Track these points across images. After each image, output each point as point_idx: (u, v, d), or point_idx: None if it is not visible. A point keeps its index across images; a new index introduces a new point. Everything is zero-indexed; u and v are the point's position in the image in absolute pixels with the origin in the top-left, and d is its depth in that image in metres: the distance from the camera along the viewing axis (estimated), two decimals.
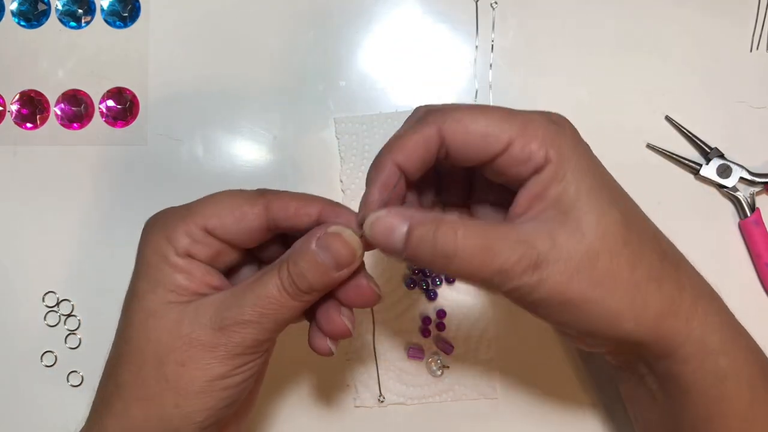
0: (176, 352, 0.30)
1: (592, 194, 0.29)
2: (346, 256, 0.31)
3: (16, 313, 0.45)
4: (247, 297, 0.30)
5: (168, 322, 0.30)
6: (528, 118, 0.30)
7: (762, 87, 0.45)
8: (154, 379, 0.30)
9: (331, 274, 0.31)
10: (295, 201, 0.32)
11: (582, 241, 0.29)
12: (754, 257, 0.44)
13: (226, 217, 0.32)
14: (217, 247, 0.32)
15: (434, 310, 0.44)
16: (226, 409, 0.31)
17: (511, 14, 0.46)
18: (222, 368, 0.30)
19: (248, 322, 0.30)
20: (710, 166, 0.44)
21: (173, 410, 0.30)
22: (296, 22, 0.46)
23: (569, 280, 0.29)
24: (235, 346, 0.30)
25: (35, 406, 0.44)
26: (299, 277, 0.30)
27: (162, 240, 0.31)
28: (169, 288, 0.31)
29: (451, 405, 0.44)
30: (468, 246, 0.29)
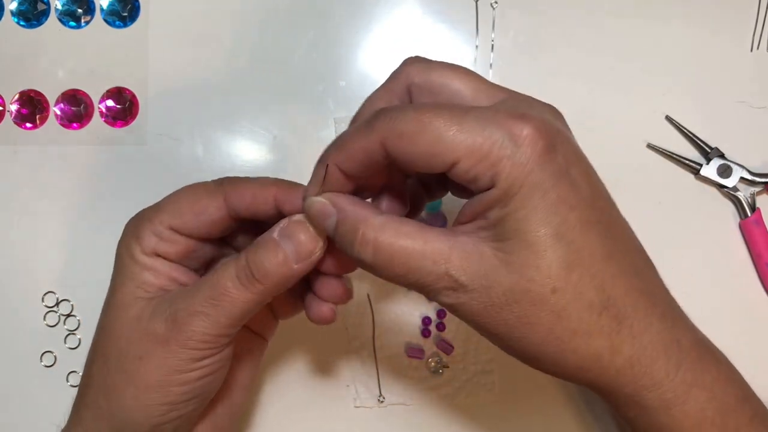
0: (135, 345, 0.30)
1: (535, 227, 0.26)
2: (308, 246, 0.30)
3: (16, 313, 0.45)
4: (201, 288, 0.30)
5: (131, 316, 0.31)
6: (479, 131, 0.26)
7: (762, 87, 0.45)
8: (117, 371, 0.31)
9: (291, 265, 0.30)
10: (251, 187, 0.32)
11: (506, 279, 0.26)
12: (755, 257, 0.44)
13: (186, 213, 0.32)
14: (185, 244, 0.32)
15: (434, 310, 0.44)
16: (187, 404, 0.31)
17: (511, 14, 0.46)
18: (176, 362, 0.30)
19: (199, 313, 0.30)
20: (710, 166, 0.44)
21: (132, 402, 0.30)
22: (296, 22, 0.46)
23: (485, 313, 0.27)
24: (186, 339, 0.30)
25: (35, 406, 0.44)
26: (257, 265, 0.30)
27: (132, 239, 0.32)
28: (136, 284, 0.31)
29: (451, 405, 0.43)
30: (385, 255, 0.27)
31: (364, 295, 0.44)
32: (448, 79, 0.29)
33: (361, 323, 0.44)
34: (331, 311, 0.33)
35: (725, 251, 0.44)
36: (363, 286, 0.44)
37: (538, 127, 0.26)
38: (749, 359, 0.44)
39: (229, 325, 0.30)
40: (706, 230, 0.45)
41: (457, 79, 0.29)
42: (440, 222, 0.44)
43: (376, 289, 0.44)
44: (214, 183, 0.33)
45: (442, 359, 0.43)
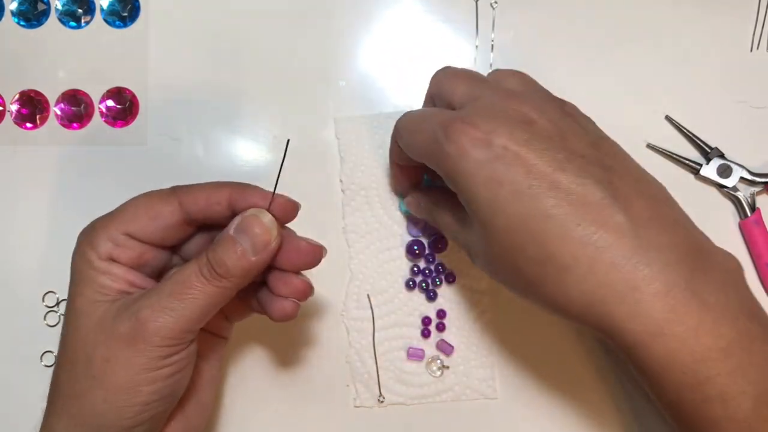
0: (101, 348, 0.31)
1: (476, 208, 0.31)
2: (262, 238, 0.31)
3: (16, 313, 0.45)
4: (164, 286, 0.31)
5: (94, 320, 0.31)
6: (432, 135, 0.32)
7: (762, 87, 0.45)
8: (84, 376, 0.31)
9: (249, 258, 0.31)
10: (205, 191, 0.33)
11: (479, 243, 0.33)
12: (754, 257, 0.44)
13: (141, 219, 0.33)
14: (139, 250, 0.33)
15: (434, 311, 0.44)
16: (157, 404, 0.32)
17: (511, 14, 0.46)
18: (144, 360, 0.30)
19: (164, 309, 0.30)
20: (710, 166, 0.44)
21: (103, 405, 0.31)
22: (296, 22, 0.46)
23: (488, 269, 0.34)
24: (152, 336, 0.30)
25: (35, 406, 0.44)
26: (218, 261, 0.31)
27: (86, 247, 0.33)
28: (95, 289, 0.32)
29: (451, 405, 0.43)
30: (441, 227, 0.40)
31: (364, 296, 0.44)
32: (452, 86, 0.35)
33: (361, 323, 0.44)
34: (293, 306, 0.34)
35: None
36: (363, 287, 0.44)
37: (469, 121, 0.31)
38: None
39: (194, 320, 0.31)
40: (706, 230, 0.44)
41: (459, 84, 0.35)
42: None
43: (375, 290, 0.44)
44: (169, 189, 0.34)
45: (442, 360, 0.43)
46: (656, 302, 0.28)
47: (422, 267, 0.44)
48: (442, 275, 0.44)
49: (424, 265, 0.44)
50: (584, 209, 0.29)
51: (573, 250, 0.29)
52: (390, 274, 0.44)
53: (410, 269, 0.44)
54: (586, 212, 0.29)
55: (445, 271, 0.44)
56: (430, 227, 0.44)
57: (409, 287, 0.44)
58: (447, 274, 0.44)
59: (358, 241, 0.44)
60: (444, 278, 0.44)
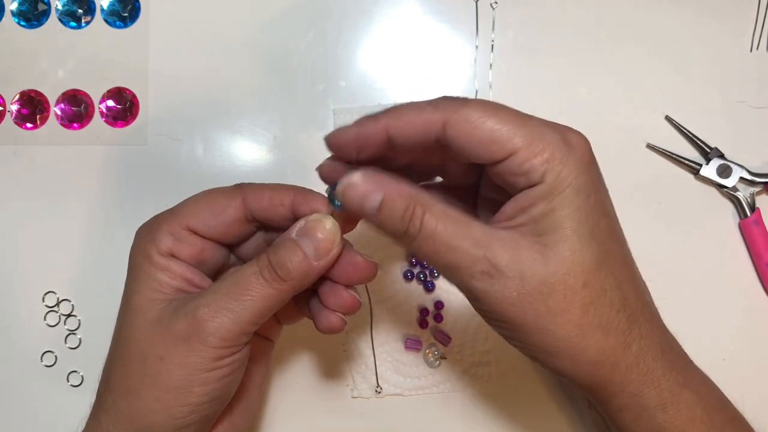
0: (156, 347, 0.31)
1: (575, 226, 0.28)
2: (326, 243, 0.31)
3: (16, 313, 0.45)
4: (222, 286, 0.31)
5: (150, 318, 0.31)
6: (540, 131, 0.28)
7: (762, 87, 0.45)
8: (137, 373, 0.31)
9: (310, 262, 0.31)
10: (269, 190, 0.33)
11: (543, 269, 0.28)
12: (754, 257, 0.44)
13: (205, 213, 0.33)
14: (200, 245, 0.33)
15: (432, 302, 0.44)
16: (208, 405, 0.31)
17: (511, 14, 0.46)
18: (198, 361, 0.30)
19: (222, 309, 0.30)
20: (710, 166, 0.44)
21: (155, 404, 0.30)
22: (296, 22, 0.46)
23: (517, 301, 0.28)
24: (208, 336, 0.30)
25: (35, 406, 0.44)
26: (279, 264, 0.31)
27: (147, 242, 0.32)
28: (153, 286, 0.32)
29: (449, 396, 0.44)
30: (431, 233, 0.29)
31: (362, 287, 0.44)
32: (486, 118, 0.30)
33: (359, 314, 0.44)
34: (340, 321, 0.34)
35: (725, 251, 0.44)
36: None
37: (586, 140, 0.30)
38: (749, 359, 0.44)
39: (250, 322, 0.31)
40: (705, 230, 0.45)
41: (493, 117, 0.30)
42: None
43: (373, 280, 0.44)
44: (233, 186, 0.34)
45: (440, 350, 0.43)
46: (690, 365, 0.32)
47: (420, 258, 0.44)
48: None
49: None
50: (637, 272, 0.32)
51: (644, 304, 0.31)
52: (388, 265, 0.44)
53: (408, 260, 0.44)
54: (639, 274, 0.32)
55: None
56: None
57: (407, 278, 0.44)
58: None
59: None
60: None
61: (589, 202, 0.29)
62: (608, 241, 0.29)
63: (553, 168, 0.28)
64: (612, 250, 0.30)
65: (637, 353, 0.30)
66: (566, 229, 0.28)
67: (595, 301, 0.29)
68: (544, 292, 0.28)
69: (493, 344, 0.44)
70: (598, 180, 0.30)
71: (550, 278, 0.28)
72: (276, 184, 0.34)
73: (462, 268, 0.29)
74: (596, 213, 0.29)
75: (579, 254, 0.28)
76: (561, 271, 0.28)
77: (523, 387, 0.44)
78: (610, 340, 0.29)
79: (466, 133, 0.28)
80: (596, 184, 0.29)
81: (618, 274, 0.30)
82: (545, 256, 0.28)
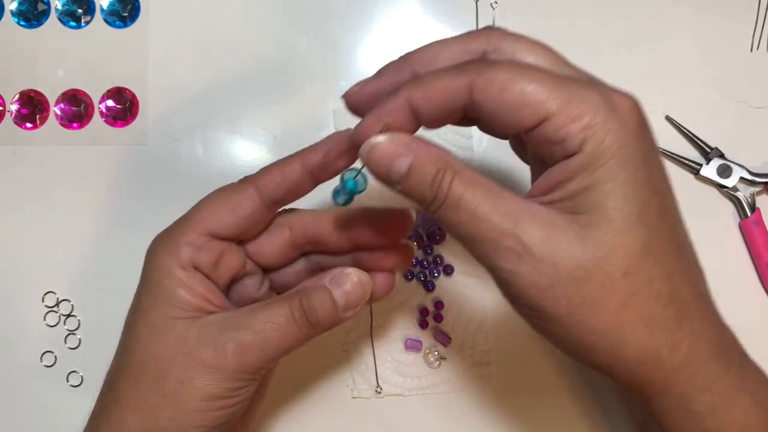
0: (177, 368, 0.30)
1: (620, 204, 0.25)
2: (356, 297, 0.31)
3: (16, 313, 0.45)
4: (255, 321, 0.31)
5: (172, 338, 0.30)
6: (579, 92, 0.25)
7: (762, 87, 0.45)
8: (152, 392, 0.30)
9: (340, 314, 0.31)
10: (277, 167, 0.32)
11: (579, 253, 0.25)
12: (754, 257, 0.44)
13: (223, 213, 0.32)
14: (219, 250, 0.32)
15: (432, 302, 0.44)
16: (220, 428, 0.32)
17: (511, 14, 0.46)
18: (220, 389, 0.30)
19: (252, 345, 0.30)
20: (710, 166, 0.44)
21: (167, 423, 0.30)
22: (296, 21, 0.46)
23: (548, 287, 0.25)
24: (235, 370, 0.30)
25: (35, 406, 0.44)
26: (311, 311, 0.31)
27: (164, 256, 0.31)
28: (173, 303, 0.31)
29: (449, 396, 0.44)
30: (457, 200, 0.26)
31: None
32: (534, 55, 0.27)
33: (359, 314, 0.43)
34: (389, 279, 0.34)
35: (725, 251, 0.44)
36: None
37: (635, 102, 0.26)
38: None
39: (275, 359, 0.31)
40: (706, 230, 0.44)
41: (541, 56, 0.27)
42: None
43: None
44: (239, 181, 0.33)
45: (440, 350, 0.43)
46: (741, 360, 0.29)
47: (420, 258, 0.44)
48: (440, 266, 0.44)
49: (422, 256, 0.44)
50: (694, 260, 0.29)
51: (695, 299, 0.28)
52: None
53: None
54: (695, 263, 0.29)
55: (443, 263, 0.44)
56: (428, 219, 0.44)
57: (407, 278, 0.44)
58: (445, 266, 0.44)
59: None
60: (442, 270, 0.44)
61: (636, 176, 0.25)
62: (659, 223, 0.26)
63: (593, 135, 0.24)
64: (663, 234, 0.26)
65: (687, 353, 0.26)
66: (609, 207, 0.25)
67: (639, 292, 0.25)
68: (579, 278, 0.25)
69: (494, 344, 0.44)
70: (650, 150, 0.26)
71: (587, 264, 0.25)
72: (279, 159, 0.32)
73: (487, 242, 0.25)
74: (646, 190, 0.25)
75: (622, 238, 0.25)
76: (600, 256, 0.25)
77: (524, 387, 0.44)
78: (655, 337, 0.26)
79: (494, 96, 0.25)
80: (647, 155, 0.25)
81: (669, 263, 0.26)
82: (583, 238, 0.25)
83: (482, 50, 0.28)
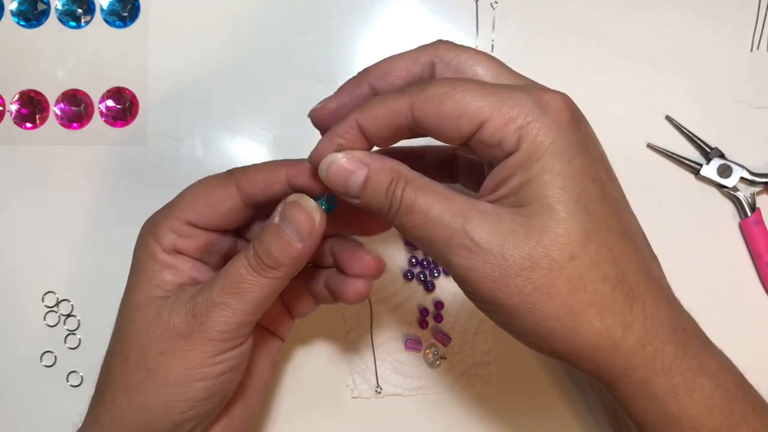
0: (156, 341, 0.31)
1: (558, 193, 0.26)
2: (305, 223, 0.30)
3: (16, 313, 0.45)
4: (217, 280, 0.31)
5: (150, 314, 0.31)
6: (509, 95, 0.27)
7: (762, 87, 0.45)
8: (137, 368, 0.31)
9: (296, 245, 0.30)
10: (262, 171, 0.33)
11: (525, 243, 0.26)
12: (755, 257, 0.44)
13: (202, 206, 0.32)
14: (204, 238, 0.33)
15: (432, 302, 0.44)
16: (207, 401, 0.32)
17: (511, 14, 0.46)
18: (199, 355, 0.30)
19: (218, 304, 0.30)
20: (710, 166, 0.44)
21: (154, 399, 0.31)
22: (296, 22, 0.46)
23: (499, 278, 0.26)
24: (208, 331, 0.30)
25: (35, 406, 0.44)
26: (265, 252, 0.30)
27: (150, 239, 0.32)
28: (155, 283, 0.32)
29: (449, 396, 0.44)
30: (410, 205, 0.28)
31: None
32: (476, 64, 0.29)
33: (359, 314, 0.44)
34: (367, 285, 0.34)
35: (725, 251, 0.44)
36: None
37: (565, 99, 0.27)
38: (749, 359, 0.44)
39: (248, 313, 0.31)
40: (706, 230, 0.45)
41: (483, 64, 0.29)
42: None
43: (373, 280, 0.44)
44: (225, 173, 0.33)
45: (440, 350, 0.43)
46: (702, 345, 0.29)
47: (420, 258, 0.44)
48: (440, 266, 0.44)
49: (422, 256, 0.44)
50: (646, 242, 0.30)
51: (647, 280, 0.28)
52: (388, 265, 0.44)
53: (408, 260, 0.44)
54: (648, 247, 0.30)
55: None
56: None
57: (407, 278, 0.44)
58: None
59: None
60: (442, 269, 0.44)
61: (572, 166, 0.26)
62: (601, 209, 0.27)
63: (527, 133, 0.26)
64: (605, 220, 0.27)
65: (642, 335, 0.27)
66: (548, 197, 0.26)
67: (585, 275, 0.26)
68: (527, 267, 0.26)
69: (494, 344, 0.44)
70: (586, 142, 0.27)
71: (533, 252, 0.26)
72: (267, 162, 0.33)
73: (440, 241, 0.27)
74: (584, 178, 0.27)
75: (563, 225, 0.26)
76: (544, 244, 0.26)
77: (524, 387, 0.44)
78: (606, 319, 0.27)
79: (432, 111, 0.27)
80: (582, 146, 0.27)
81: (615, 247, 0.27)
82: (527, 228, 0.26)
83: (431, 61, 0.30)
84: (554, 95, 0.27)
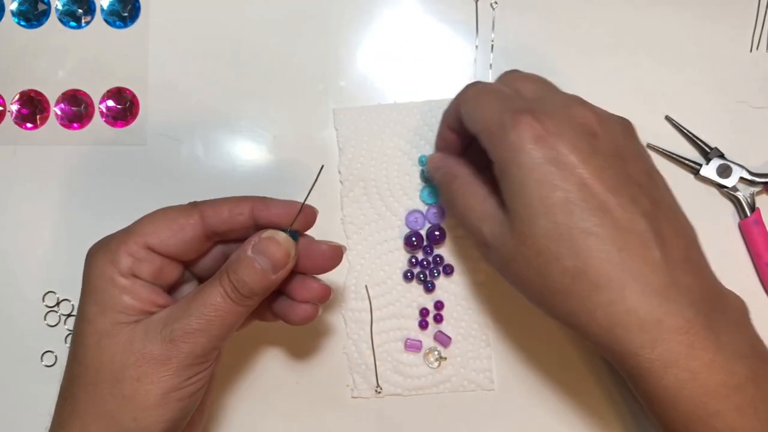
0: (131, 368, 0.31)
1: (523, 201, 0.31)
2: (281, 257, 0.33)
3: (16, 313, 0.45)
4: (193, 307, 0.32)
5: (121, 341, 0.32)
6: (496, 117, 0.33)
7: (762, 87, 0.45)
8: (111, 395, 0.31)
9: (269, 277, 0.32)
10: (227, 204, 0.34)
11: (509, 241, 0.33)
12: (754, 257, 0.44)
13: (164, 232, 0.33)
14: (159, 263, 0.34)
15: (432, 302, 0.44)
16: (182, 420, 0.33)
17: (511, 14, 0.46)
18: (176, 380, 0.31)
19: (196, 331, 0.31)
20: (710, 166, 0.44)
21: (131, 424, 0.31)
22: (296, 22, 0.46)
23: (503, 268, 0.34)
24: (186, 357, 0.31)
25: (35, 406, 0.44)
26: (240, 283, 0.32)
27: (106, 264, 0.33)
28: (118, 309, 0.32)
29: (449, 396, 0.44)
30: (448, 199, 0.37)
31: (362, 287, 0.44)
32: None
33: (359, 314, 0.44)
34: (314, 309, 0.36)
35: (725, 251, 0.44)
36: (361, 278, 0.44)
37: (538, 117, 0.32)
38: None
39: (223, 338, 0.33)
40: (705, 230, 0.44)
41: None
42: (440, 214, 0.44)
43: (373, 281, 0.44)
44: (188, 204, 0.35)
45: (440, 351, 0.43)
46: (676, 336, 0.30)
47: (420, 258, 0.44)
48: (440, 267, 0.44)
49: (422, 256, 0.44)
50: (627, 237, 0.31)
51: (609, 272, 0.30)
52: (388, 265, 0.44)
53: (408, 260, 0.44)
54: (628, 240, 0.31)
55: (443, 263, 0.44)
56: (428, 219, 0.44)
57: (407, 278, 0.44)
58: (445, 266, 0.44)
59: (356, 233, 0.44)
60: (442, 270, 0.44)
61: (532, 178, 0.31)
62: (561, 214, 0.31)
63: (494, 149, 0.33)
64: (565, 222, 0.31)
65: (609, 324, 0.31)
66: (517, 204, 0.32)
67: (549, 267, 0.31)
68: (511, 260, 0.33)
69: (494, 345, 0.44)
70: (547, 156, 0.31)
71: (513, 249, 0.33)
72: (233, 197, 0.35)
73: (471, 233, 0.35)
74: (544, 187, 0.31)
75: (528, 227, 0.32)
76: (518, 242, 0.32)
77: (523, 387, 0.44)
78: (568, 304, 0.32)
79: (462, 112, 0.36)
80: (543, 160, 0.31)
81: (575, 244, 0.31)
82: (510, 230, 0.33)
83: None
84: (526, 114, 0.32)
